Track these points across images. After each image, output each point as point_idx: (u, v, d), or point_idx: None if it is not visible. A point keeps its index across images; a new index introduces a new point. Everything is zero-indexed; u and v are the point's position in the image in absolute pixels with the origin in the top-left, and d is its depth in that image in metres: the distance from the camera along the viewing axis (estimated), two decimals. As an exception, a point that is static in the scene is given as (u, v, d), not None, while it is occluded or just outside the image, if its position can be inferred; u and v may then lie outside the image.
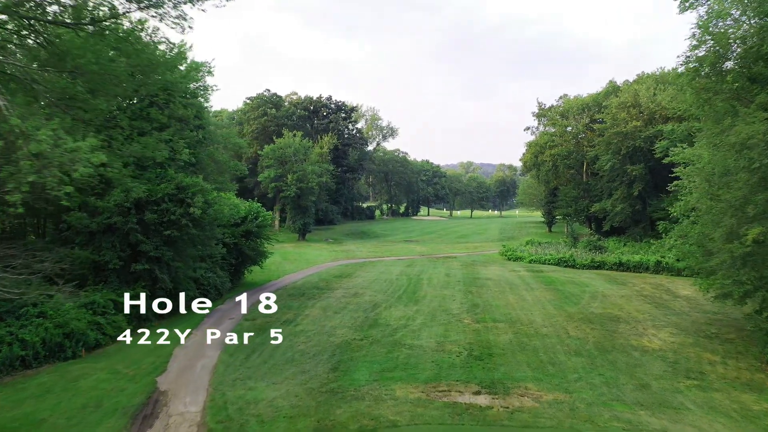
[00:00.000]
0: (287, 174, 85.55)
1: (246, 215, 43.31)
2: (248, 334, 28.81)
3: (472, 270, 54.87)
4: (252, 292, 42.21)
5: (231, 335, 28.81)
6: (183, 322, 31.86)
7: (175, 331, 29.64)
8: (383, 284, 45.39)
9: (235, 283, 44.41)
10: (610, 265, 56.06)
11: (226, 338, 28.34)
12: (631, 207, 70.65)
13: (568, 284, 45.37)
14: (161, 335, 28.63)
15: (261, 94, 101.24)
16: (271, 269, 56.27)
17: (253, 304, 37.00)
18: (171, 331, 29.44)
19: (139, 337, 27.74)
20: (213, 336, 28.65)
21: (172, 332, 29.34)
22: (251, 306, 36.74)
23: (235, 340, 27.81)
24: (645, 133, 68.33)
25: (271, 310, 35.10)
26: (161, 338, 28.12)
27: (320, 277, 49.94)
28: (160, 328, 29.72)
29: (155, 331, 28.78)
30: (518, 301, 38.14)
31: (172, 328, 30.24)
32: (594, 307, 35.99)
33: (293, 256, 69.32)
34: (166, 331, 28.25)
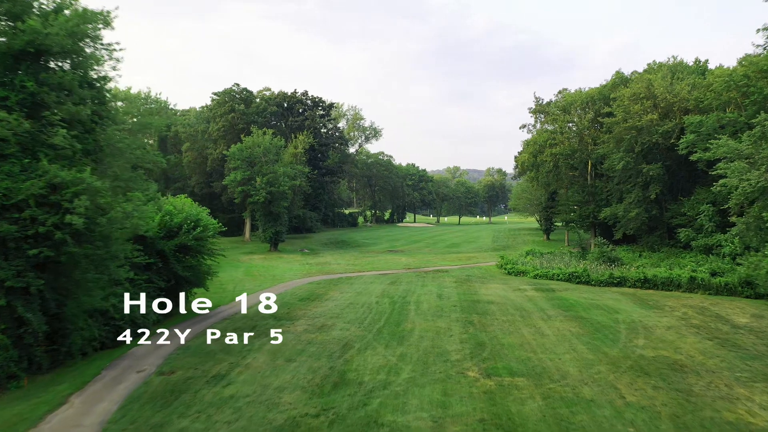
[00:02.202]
0: (256, 176, 75.75)
1: (180, 224, 33.54)
2: (149, 406, 19.18)
3: (469, 289, 45.50)
4: (187, 324, 32.48)
5: (123, 408, 19.14)
6: (64, 382, 22.06)
7: (40, 399, 19.93)
8: (360, 311, 35.83)
9: (169, 313, 34.57)
10: (632, 282, 46.96)
11: (111, 414, 18.65)
12: (647, 212, 61.84)
13: (591, 309, 36.11)
14: (12, 410, 18.93)
15: (229, 89, 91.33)
16: (227, 289, 46.66)
17: (178, 348, 27.36)
18: (31, 402, 19.68)
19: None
20: (93, 411, 18.94)
21: (34, 403, 19.58)
22: (176, 349, 27.07)
23: (124, 420, 18.12)
24: (663, 128, 59.60)
25: (199, 356, 25.66)
26: (8, 415, 18.38)
27: (283, 301, 40.25)
28: (18, 396, 20.08)
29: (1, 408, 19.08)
30: (536, 336, 28.78)
31: (38, 395, 20.46)
32: (640, 347, 26.71)
33: (259, 270, 59.59)
34: (27, 402, 18.55)
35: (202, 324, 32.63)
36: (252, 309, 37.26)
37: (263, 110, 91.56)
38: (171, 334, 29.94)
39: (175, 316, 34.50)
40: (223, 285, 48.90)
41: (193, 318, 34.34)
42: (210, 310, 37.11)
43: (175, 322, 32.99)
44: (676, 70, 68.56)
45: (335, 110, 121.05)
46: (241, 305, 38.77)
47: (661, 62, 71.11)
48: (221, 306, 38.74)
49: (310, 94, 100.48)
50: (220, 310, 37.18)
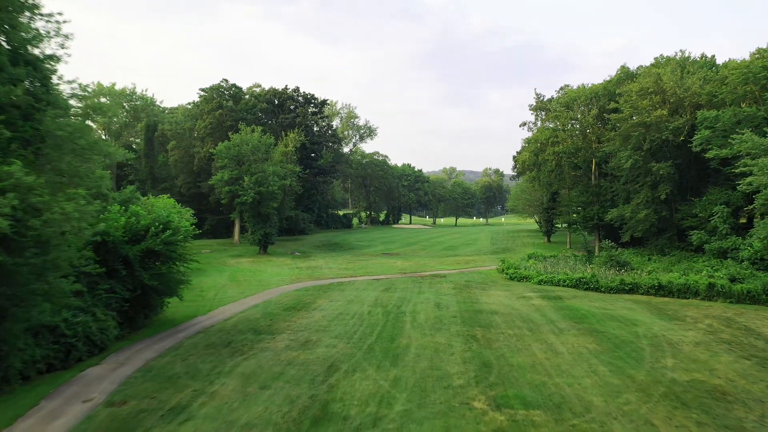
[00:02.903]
0: (244, 176, 72.11)
1: (148, 227, 29.88)
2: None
3: (470, 296, 41.99)
4: (154, 340, 28.87)
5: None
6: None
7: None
8: (349, 323, 32.27)
9: (135, 326, 30.92)
10: (645, 289, 43.54)
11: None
12: (656, 213, 58.45)
13: (606, 321, 32.64)
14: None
15: (217, 85, 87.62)
16: (207, 297, 43.11)
17: (138, 370, 23.74)
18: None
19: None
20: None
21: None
22: (135, 371, 23.45)
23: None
24: (674, 124, 56.25)
25: (159, 381, 22.07)
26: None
27: (266, 310, 36.69)
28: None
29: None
30: (549, 354, 25.28)
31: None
32: (670, 369, 23.23)
33: (245, 275, 55.97)
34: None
35: (170, 339, 29.02)
36: (231, 320, 33.80)
37: (252, 107, 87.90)
38: (132, 353, 26.41)
39: (141, 330, 30.95)
40: (204, 292, 45.42)
41: (162, 332, 30.72)
42: (184, 322, 33.62)
43: (140, 337, 29.42)
44: (684, 64, 65.35)
45: (328, 108, 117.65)
46: (219, 316, 35.44)
47: (669, 56, 67.82)
48: (197, 317, 35.12)
49: (302, 91, 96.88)
50: (196, 322, 33.56)
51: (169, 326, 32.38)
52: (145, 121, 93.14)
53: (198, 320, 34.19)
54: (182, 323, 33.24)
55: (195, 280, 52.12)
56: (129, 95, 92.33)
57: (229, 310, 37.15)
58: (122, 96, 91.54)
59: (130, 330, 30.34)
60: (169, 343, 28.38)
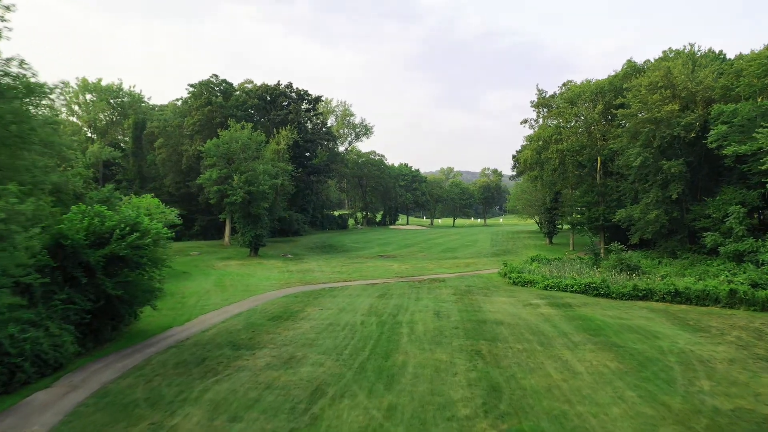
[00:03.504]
0: (233, 175, 68.84)
1: (112, 229, 26.59)
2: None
3: (471, 303, 38.82)
4: (117, 357, 25.63)
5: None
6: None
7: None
8: (340, 335, 29.08)
9: (101, 339, 27.65)
10: (660, 295, 40.43)
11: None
12: (666, 214, 55.37)
13: (624, 333, 29.50)
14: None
15: (207, 80, 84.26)
16: (188, 304, 39.85)
17: (92, 395, 20.53)
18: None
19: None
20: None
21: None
22: (88, 397, 20.23)
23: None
24: (686, 119, 53.18)
25: (113, 410, 18.87)
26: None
27: (249, 320, 33.47)
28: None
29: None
30: (565, 375, 22.12)
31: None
32: (708, 393, 20.08)
33: (232, 279, 52.77)
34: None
35: (138, 355, 25.79)
36: (209, 332, 30.57)
37: (243, 103, 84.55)
38: (91, 373, 23.18)
39: (107, 345, 27.70)
40: (185, 299, 42.17)
41: (130, 346, 27.49)
42: (158, 334, 30.39)
43: (105, 353, 26.20)
44: (693, 58, 62.38)
45: (324, 106, 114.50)
46: (197, 326, 32.22)
47: (678, 50, 64.80)
48: (173, 328, 31.89)
49: (294, 87, 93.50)
50: (170, 334, 30.32)
51: (140, 339, 29.15)
52: (132, 118, 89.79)
53: (173, 332, 30.96)
54: (155, 335, 30.03)
55: (178, 285, 49.10)
56: (115, 91, 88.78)
57: (208, 320, 33.92)
58: (108, 92, 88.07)
59: (94, 344, 27.10)
60: (136, 360, 25.16)
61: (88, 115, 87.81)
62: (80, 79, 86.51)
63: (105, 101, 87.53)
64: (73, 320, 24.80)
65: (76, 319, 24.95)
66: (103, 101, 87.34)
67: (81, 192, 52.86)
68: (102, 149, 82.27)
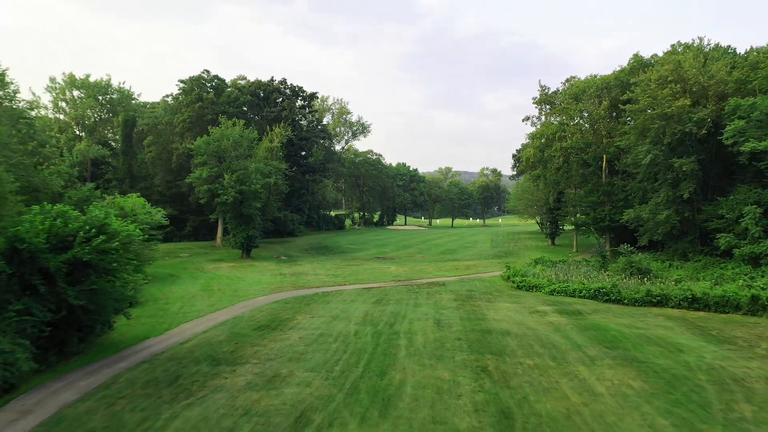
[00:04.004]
0: (224, 173, 66.11)
1: (76, 232, 23.84)
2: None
3: (474, 311, 36.18)
4: (81, 374, 22.95)
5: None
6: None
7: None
8: (331, 348, 26.41)
9: (66, 352, 24.96)
10: (676, 301, 37.82)
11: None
12: (677, 214, 52.80)
13: (644, 346, 26.86)
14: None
15: (198, 76, 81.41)
16: (170, 311, 37.15)
17: (43, 422, 17.86)
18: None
19: None
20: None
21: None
22: (38, 425, 17.56)
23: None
24: (698, 115, 50.62)
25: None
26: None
27: (233, 330, 30.79)
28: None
29: None
30: (585, 398, 19.49)
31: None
32: (752, 422, 17.46)
33: (221, 283, 50.07)
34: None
35: (105, 372, 23.12)
36: (187, 344, 27.89)
37: (235, 99, 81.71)
38: (48, 393, 20.54)
39: (74, 358, 25.02)
40: (168, 304, 39.46)
41: (99, 360, 24.83)
42: (132, 345, 27.72)
43: (70, 368, 23.55)
44: (702, 52, 59.84)
45: (320, 104, 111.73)
46: (176, 337, 29.55)
47: (687, 43, 62.25)
48: (150, 338, 29.21)
49: (289, 83, 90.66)
50: (145, 346, 27.64)
51: (112, 351, 26.49)
52: (122, 115, 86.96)
53: (149, 343, 28.28)
54: (129, 347, 27.36)
55: (163, 290, 46.40)
56: (104, 87, 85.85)
57: (189, 330, 31.22)
58: (96, 88, 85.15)
59: (58, 359, 24.43)
60: (103, 377, 22.50)
61: (76, 112, 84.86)
62: (67, 75, 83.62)
63: (93, 98, 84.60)
64: (31, 334, 22.09)
65: (34, 333, 22.24)
66: (90, 98, 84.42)
67: (60, 191, 50.44)
68: (89, 147, 79.39)
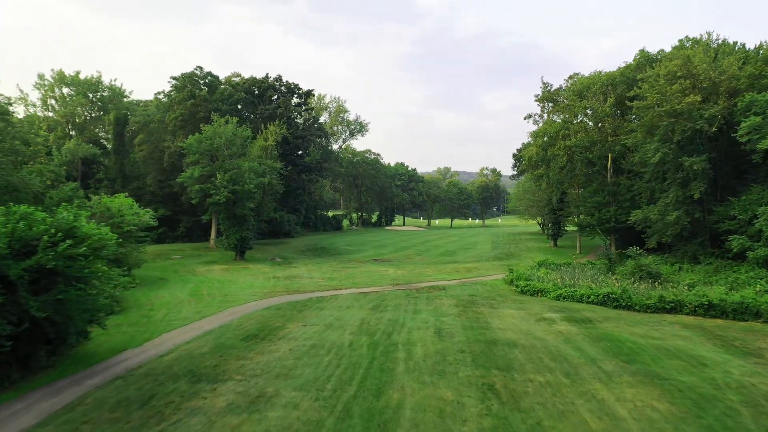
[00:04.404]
0: (216, 173, 63.90)
1: (41, 235, 21.62)
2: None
3: (477, 318, 34.01)
4: (55, 389, 20.84)
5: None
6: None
7: None
8: (323, 362, 24.24)
9: (34, 367, 22.78)
10: (691, 308, 35.69)
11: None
12: (688, 215, 50.68)
13: (663, 359, 24.69)
14: None
15: (191, 72, 79.14)
16: (154, 318, 34.99)
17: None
18: None
19: None
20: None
21: None
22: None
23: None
24: (709, 111, 48.52)
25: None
26: None
27: (218, 340, 28.59)
28: None
29: None
30: (606, 423, 17.29)
31: None
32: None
33: (211, 287, 47.90)
34: None
35: (73, 390, 20.97)
36: (167, 357, 25.70)
37: (229, 97, 79.40)
38: (3, 418, 18.35)
39: (42, 374, 22.86)
40: (153, 311, 37.27)
41: (69, 376, 22.65)
42: (108, 358, 25.54)
43: (36, 385, 21.43)
44: (710, 47, 57.77)
45: (316, 101, 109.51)
46: (155, 349, 27.36)
47: (695, 38, 60.15)
48: (128, 350, 27.01)
49: (284, 80, 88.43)
50: (122, 359, 25.46)
51: (84, 366, 24.30)
52: (113, 113, 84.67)
53: (126, 355, 26.09)
54: (103, 361, 25.16)
55: (149, 294, 44.14)
56: (94, 84, 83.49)
57: (171, 340, 29.03)
58: (87, 85, 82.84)
59: (23, 375, 22.28)
60: (68, 397, 20.32)
61: (66, 109, 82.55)
62: (56, 72, 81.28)
63: (83, 95, 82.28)
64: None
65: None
66: (80, 95, 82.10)
67: (42, 191, 48.20)
68: (79, 146, 77.11)
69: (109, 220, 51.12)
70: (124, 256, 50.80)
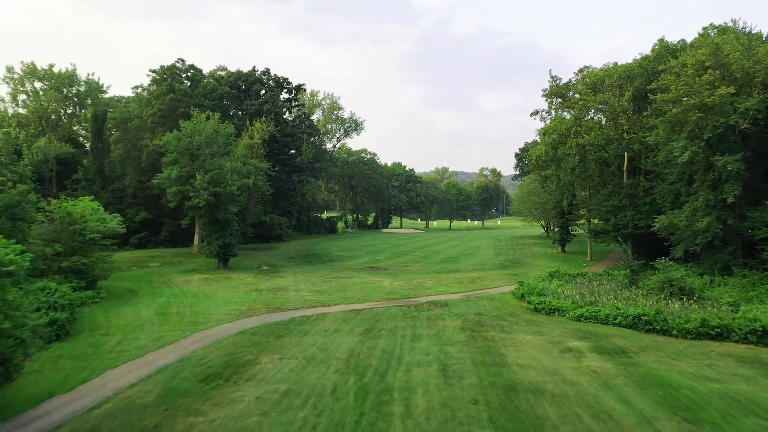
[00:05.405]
0: (196, 173, 58.32)
1: None
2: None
3: (489, 348, 28.47)
4: None
5: None
6: None
7: None
8: (297, 418, 18.70)
9: None
10: (740, 335, 30.22)
11: None
12: (719, 221, 45.24)
13: (735, 415, 19.19)
14: None
15: (171, 65, 73.40)
16: (104, 347, 29.48)
17: None
18: None
19: None
20: None
21: None
22: None
23: None
24: (744, 104, 43.14)
25: None
26: None
27: (170, 383, 22.99)
28: None
29: None
30: None
31: None
32: None
33: (182, 304, 42.38)
34: None
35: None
36: (98, 410, 20.14)
37: (212, 91, 73.68)
38: None
39: None
40: (106, 337, 31.66)
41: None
42: (24, 411, 20.00)
43: None
44: (743, 35, 52.39)
45: (308, 97, 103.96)
46: (89, 396, 21.78)
47: (721, 25, 54.72)
48: (54, 397, 21.48)
49: (272, 73, 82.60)
50: (40, 412, 19.93)
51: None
52: (90, 110, 79.00)
53: (49, 406, 20.57)
54: (16, 416, 19.69)
55: (109, 313, 38.36)
56: (68, 78, 77.73)
57: (113, 382, 23.45)
58: (60, 79, 77.11)
59: None
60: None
61: (38, 105, 76.82)
62: (26, 65, 75.53)
63: (56, 90, 76.53)
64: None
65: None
66: (53, 89, 76.36)
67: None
68: (50, 144, 71.39)
69: (70, 226, 45.81)
70: (86, 267, 45.60)
